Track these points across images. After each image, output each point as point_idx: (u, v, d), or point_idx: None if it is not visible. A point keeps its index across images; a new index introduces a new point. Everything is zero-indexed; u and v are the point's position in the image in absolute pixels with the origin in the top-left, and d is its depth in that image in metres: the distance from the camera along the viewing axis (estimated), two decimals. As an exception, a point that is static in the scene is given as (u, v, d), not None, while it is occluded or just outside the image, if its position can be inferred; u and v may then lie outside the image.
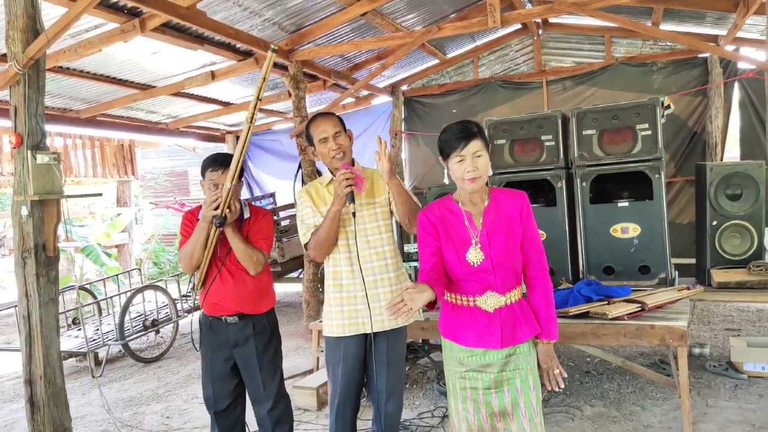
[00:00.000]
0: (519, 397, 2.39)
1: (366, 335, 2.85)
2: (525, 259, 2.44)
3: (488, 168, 2.37)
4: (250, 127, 2.82)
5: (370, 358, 2.89)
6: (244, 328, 3.06)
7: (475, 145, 2.29)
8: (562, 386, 2.42)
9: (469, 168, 2.28)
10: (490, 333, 2.36)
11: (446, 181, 2.52)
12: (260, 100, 2.82)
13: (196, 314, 7.42)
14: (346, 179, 2.65)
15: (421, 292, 2.11)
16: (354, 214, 2.74)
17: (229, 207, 2.88)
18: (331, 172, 2.89)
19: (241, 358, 3.09)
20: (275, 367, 3.14)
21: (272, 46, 2.87)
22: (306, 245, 2.89)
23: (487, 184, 2.43)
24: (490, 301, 2.36)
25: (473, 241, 2.35)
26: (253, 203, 3.59)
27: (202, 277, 3.07)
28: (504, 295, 2.37)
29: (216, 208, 2.86)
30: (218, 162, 3.01)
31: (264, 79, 2.78)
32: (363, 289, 2.80)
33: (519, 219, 2.40)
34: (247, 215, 3.13)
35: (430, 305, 2.21)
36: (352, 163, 2.93)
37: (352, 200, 2.71)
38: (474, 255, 2.35)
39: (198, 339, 3.21)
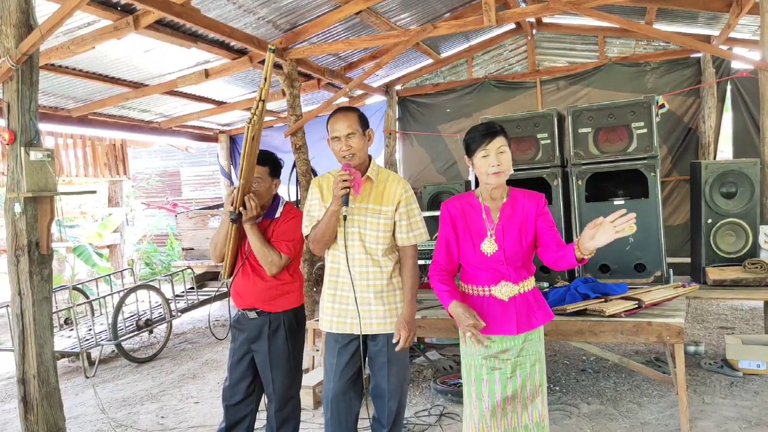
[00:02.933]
0: (527, 380, 2.56)
1: (361, 335, 2.84)
2: (550, 249, 2.51)
3: (510, 165, 2.53)
4: (248, 128, 2.81)
5: (371, 356, 2.88)
6: (262, 324, 3.09)
7: (499, 141, 2.48)
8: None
9: (494, 162, 2.46)
10: (506, 320, 2.52)
11: (471, 178, 2.60)
12: (263, 101, 2.81)
13: (191, 314, 7.42)
14: (344, 180, 2.62)
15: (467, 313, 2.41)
16: (345, 217, 2.71)
17: (243, 205, 2.91)
18: None
19: (256, 354, 3.13)
20: (288, 368, 3.12)
21: (270, 45, 2.87)
22: (307, 237, 2.90)
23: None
24: (504, 290, 2.52)
25: (489, 233, 2.52)
26: None
27: (228, 267, 3.14)
28: (517, 284, 2.54)
29: (232, 204, 2.93)
30: (258, 159, 3.05)
31: (266, 79, 2.78)
32: (354, 291, 2.78)
33: (534, 219, 2.55)
34: (278, 215, 3.11)
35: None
36: (368, 162, 2.87)
37: (347, 203, 2.67)
38: (488, 246, 2.51)
39: (229, 327, 3.29)
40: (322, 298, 2.94)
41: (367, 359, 2.92)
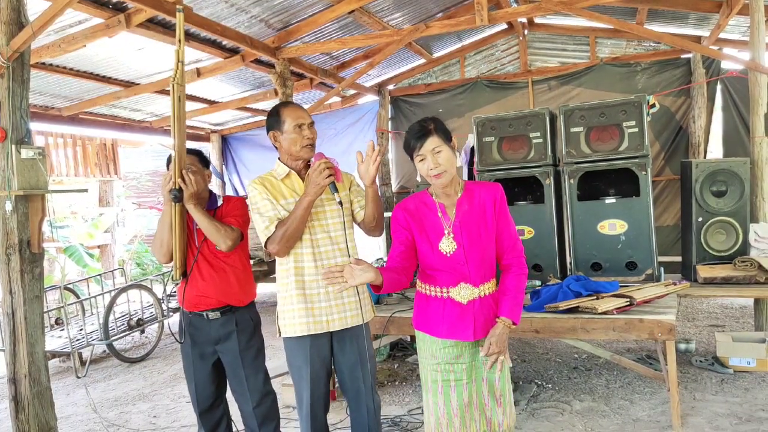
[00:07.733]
0: (483, 387, 2.44)
1: (329, 334, 2.74)
2: (501, 250, 2.45)
3: (454, 161, 2.38)
4: (174, 87, 2.72)
5: (337, 356, 2.78)
6: (227, 323, 2.97)
7: (432, 141, 2.32)
8: (498, 373, 2.43)
9: (431, 165, 2.32)
10: (462, 325, 2.38)
11: (418, 179, 2.49)
12: (181, 62, 2.74)
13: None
14: (328, 168, 2.56)
15: (364, 271, 2.14)
16: (341, 203, 2.64)
17: (183, 179, 2.79)
18: (286, 164, 2.78)
19: (224, 354, 3.01)
20: (259, 363, 3.06)
21: (178, 6, 2.82)
22: (268, 239, 2.66)
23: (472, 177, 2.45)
24: (463, 293, 2.38)
25: (446, 231, 2.38)
26: None
27: (180, 265, 2.93)
28: (478, 287, 2.39)
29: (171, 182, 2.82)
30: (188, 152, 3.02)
31: (179, 41, 2.72)
32: (327, 286, 2.64)
33: (493, 210, 2.42)
34: (220, 203, 3.06)
35: (376, 287, 2.24)
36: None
37: (336, 189, 2.61)
38: (446, 245, 2.37)
39: (180, 332, 3.08)
40: (285, 304, 2.74)
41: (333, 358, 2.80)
